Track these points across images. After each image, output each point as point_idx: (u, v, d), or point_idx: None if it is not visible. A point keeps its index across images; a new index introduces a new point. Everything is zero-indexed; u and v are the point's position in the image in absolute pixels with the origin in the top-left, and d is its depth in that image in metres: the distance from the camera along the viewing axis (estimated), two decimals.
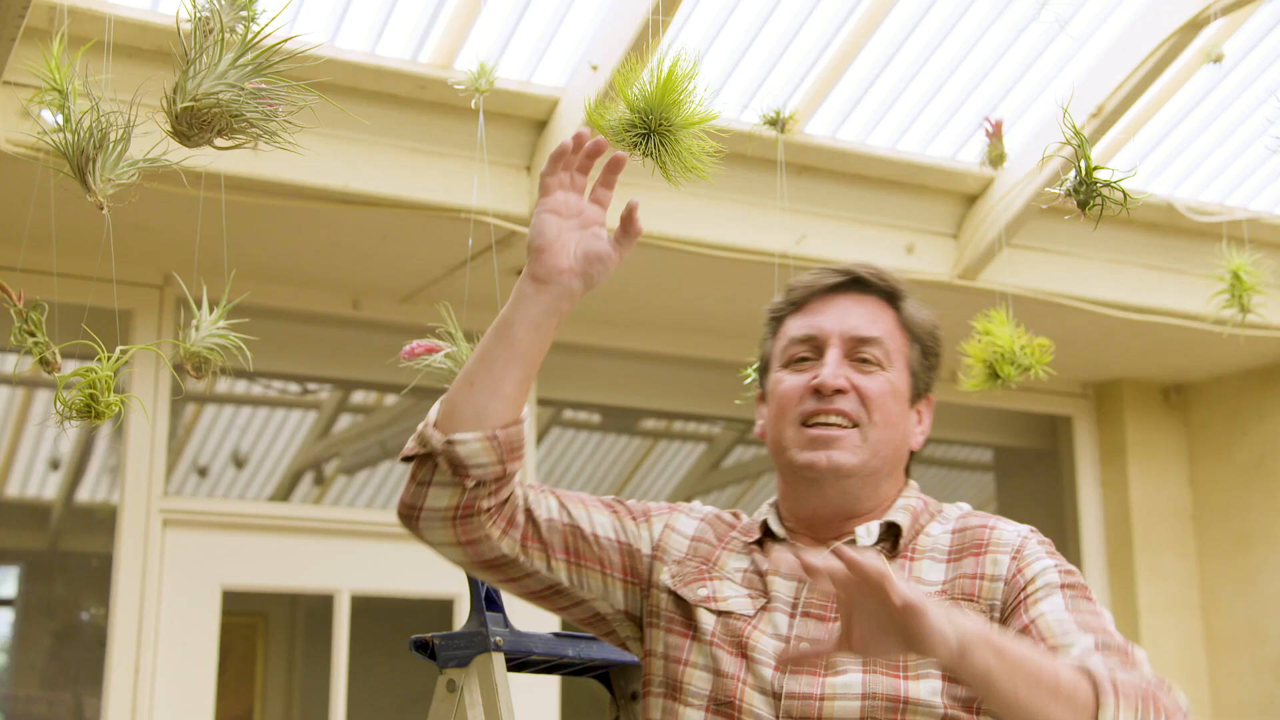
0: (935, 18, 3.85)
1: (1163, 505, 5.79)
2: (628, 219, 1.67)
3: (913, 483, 1.81)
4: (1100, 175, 2.07)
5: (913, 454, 1.81)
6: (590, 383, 5.27)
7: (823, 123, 4.10)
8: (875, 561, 1.32)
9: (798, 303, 1.81)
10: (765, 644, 1.66)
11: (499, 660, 1.91)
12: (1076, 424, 5.91)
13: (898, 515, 1.73)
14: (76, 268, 2.64)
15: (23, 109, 3.26)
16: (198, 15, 1.83)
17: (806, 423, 1.72)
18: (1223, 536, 5.74)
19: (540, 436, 5.68)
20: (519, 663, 2.01)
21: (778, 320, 1.83)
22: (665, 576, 1.77)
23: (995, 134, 3.42)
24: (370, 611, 4.79)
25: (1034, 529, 1.73)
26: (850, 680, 1.59)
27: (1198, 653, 5.71)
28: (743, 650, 1.66)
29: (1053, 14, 3.12)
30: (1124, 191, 2.02)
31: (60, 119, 1.89)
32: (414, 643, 1.97)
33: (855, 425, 1.71)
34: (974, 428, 6.21)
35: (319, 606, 5.45)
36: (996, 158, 3.42)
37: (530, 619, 2.69)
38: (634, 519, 1.82)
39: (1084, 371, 5.72)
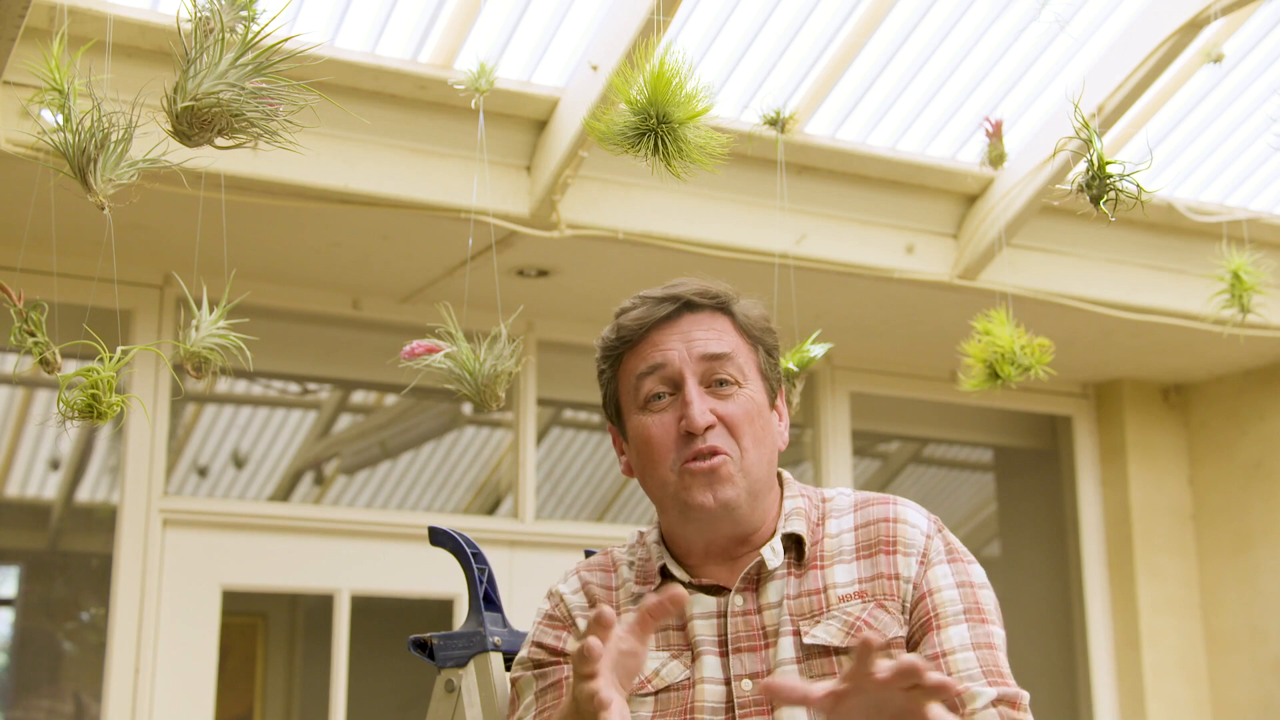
0: (935, 18, 3.85)
1: (1163, 505, 5.79)
2: (662, 609, 1.47)
3: (786, 476, 1.79)
4: (1112, 169, 2.04)
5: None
6: (590, 383, 5.25)
7: (823, 123, 4.10)
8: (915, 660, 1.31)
9: (631, 339, 1.75)
10: (708, 693, 1.65)
11: (497, 660, 1.91)
12: (1076, 424, 5.91)
13: (794, 525, 1.72)
14: (76, 268, 2.64)
15: (23, 109, 3.26)
16: (198, 15, 1.83)
17: (685, 463, 1.69)
18: (1223, 536, 5.74)
19: (540, 436, 5.68)
20: None
21: (615, 359, 1.79)
22: None
23: (995, 134, 3.42)
24: (370, 611, 4.79)
25: (935, 519, 1.73)
26: (796, 714, 1.60)
27: (1198, 652, 5.71)
28: (689, 714, 1.64)
29: (1053, 14, 3.12)
30: (1138, 185, 2.00)
31: (60, 119, 1.89)
32: (412, 643, 1.97)
33: (728, 455, 1.68)
34: (974, 428, 6.22)
35: (319, 606, 5.45)
36: (996, 158, 3.42)
37: (530, 619, 2.68)
38: (558, 679, 1.72)
39: (1084, 371, 5.73)
